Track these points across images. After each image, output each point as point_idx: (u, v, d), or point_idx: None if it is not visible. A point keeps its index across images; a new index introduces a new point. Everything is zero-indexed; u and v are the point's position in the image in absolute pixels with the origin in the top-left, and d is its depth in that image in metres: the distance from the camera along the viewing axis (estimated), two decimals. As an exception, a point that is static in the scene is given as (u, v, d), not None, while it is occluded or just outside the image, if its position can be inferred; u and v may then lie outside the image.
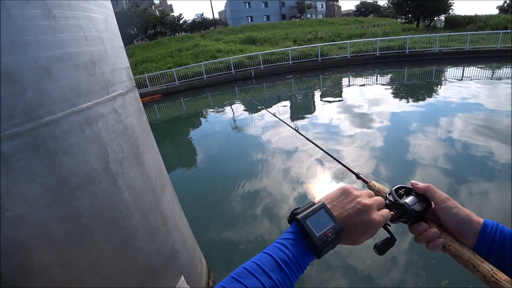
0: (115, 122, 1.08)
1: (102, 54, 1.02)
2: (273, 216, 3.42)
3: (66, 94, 0.86)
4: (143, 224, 1.28)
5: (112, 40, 1.11)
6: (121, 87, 1.13)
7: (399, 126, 6.04)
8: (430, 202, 0.52)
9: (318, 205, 0.48)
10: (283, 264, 0.40)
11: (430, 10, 22.14)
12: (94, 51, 0.96)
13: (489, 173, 3.88)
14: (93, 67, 0.96)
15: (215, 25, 36.54)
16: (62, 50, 0.82)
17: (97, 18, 0.99)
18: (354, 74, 13.73)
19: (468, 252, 0.43)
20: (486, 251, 0.44)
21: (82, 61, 0.90)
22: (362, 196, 0.48)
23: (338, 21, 34.77)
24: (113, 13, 1.18)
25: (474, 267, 0.41)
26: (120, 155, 1.12)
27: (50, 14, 0.78)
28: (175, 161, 5.91)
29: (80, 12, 0.89)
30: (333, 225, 0.44)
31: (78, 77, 0.89)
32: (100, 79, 1.00)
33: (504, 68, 11.88)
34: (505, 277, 0.38)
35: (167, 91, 14.03)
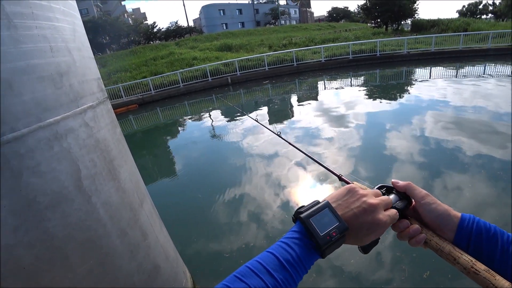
0: (86, 136, 1.02)
1: (70, 65, 0.96)
2: (257, 222, 3.39)
3: (31, 109, 0.81)
4: (121, 242, 1.22)
5: (80, 50, 1.06)
6: (92, 99, 1.08)
7: (375, 126, 6.25)
8: (410, 200, 0.53)
9: (322, 204, 0.47)
10: (287, 264, 0.40)
11: (397, 15, 23.35)
12: (61, 62, 0.91)
13: (461, 166, 4.10)
14: (60, 79, 0.91)
15: (190, 32, 36.32)
16: (25, 62, 0.77)
17: (64, 27, 0.94)
18: (329, 77, 14.09)
19: (448, 245, 0.45)
20: (464, 243, 0.45)
21: (48, 73, 0.84)
22: (368, 196, 0.48)
23: (311, 26, 35.68)
24: (81, 22, 1.13)
25: (455, 259, 0.43)
26: (93, 171, 1.06)
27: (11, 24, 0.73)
28: (154, 173, 5.75)
29: (44, 22, 0.84)
30: (337, 224, 0.44)
31: (44, 90, 0.84)
32: (68, 92, 0.95)
33: (466, 67, 12.70)
34: (483, 267, 0.39)
35: (143, 100, 13.71)
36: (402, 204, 0.52)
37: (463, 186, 3.63)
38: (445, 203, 0.51)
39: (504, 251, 0.42)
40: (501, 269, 0.40)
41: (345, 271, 2.54)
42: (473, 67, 12.67)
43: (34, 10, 0.80)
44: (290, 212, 3.50)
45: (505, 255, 0.42)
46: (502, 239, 0.43)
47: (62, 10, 0.93)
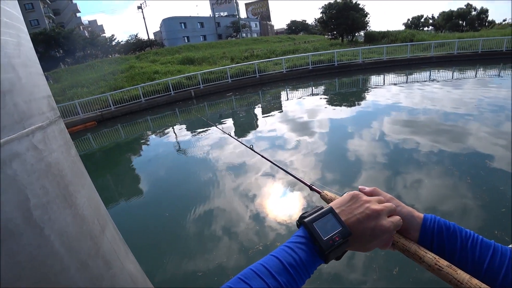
0: (35, 160, 0.92)
1: (15, 83, 0.87)
2: (229, 236, 3.31)
3: (-35, 134, 0.71)
4: (82, 275, 1.10)
5: (26, 66, 0.96)
6: (41, 119, 0.98)
7: (338, 132, 6.52)
8: None
9: (326, 209, 0.47)
10: (290, 267, 0.40)
11: (351, 27, 25.09)
12: (4, 80, 0.81)
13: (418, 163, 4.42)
14: (3, 99, 0.81)
15: (150, 46, 35.56)
16: (-44, 81, 0.67)
17: (6, 41, 0.85)
18: (291, 87, 14.53)
19: (413, 245, 0.47)
20: (428, 242, 0.48)
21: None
22: (372, 202, 0.48)
23: (272, 39, 36.80)
24: (27, 35, 1.03)
25: (420, 258, 0.45)
26: (45, 199, 0.95)
27: None
28: (116, 194, 5.41)
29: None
30: (340, 229, 0.44)
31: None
32: (12, 112, 0.85)
33: (414, 74, 13.95)
34: (446, 263, 0.42)
35: (102, 117, 12.99)
36: None
37: (422, 180, 3.90)
38: (408, 198, 0.53)
39: (463, 246, 0.45)
40: (462, 263, 0.44)
41: (317, 277, 2.56)
42: (420, 73, 13.93)
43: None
44: (263, 223, 3.46)
45: (464, 250, 0.45)
46: (461, 235, 0.46)
47: (5, 22, 0.83)
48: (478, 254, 0.44)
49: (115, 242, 1.43)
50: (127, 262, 1.53)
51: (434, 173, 4.07)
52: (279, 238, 3.16)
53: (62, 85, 17.23)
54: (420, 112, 7.15)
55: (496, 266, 0.42)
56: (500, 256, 0.43)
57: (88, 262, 1.12)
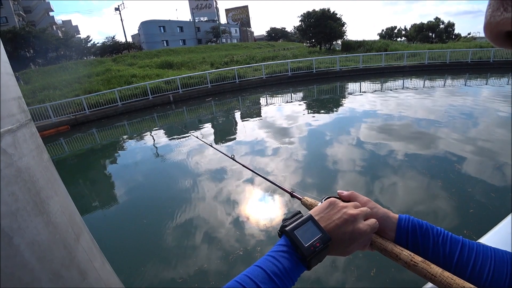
0: (4, 165, 0.87)
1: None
2: (208, 242, 3.26)
3: None
4: (54, 286, 1.04)
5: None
6: (11, 121, 0.93)
7: (317, 138, 6.65)
8: None
9: (305, 217, 0.48)
10: (274, 276, 0.41)
11: (329, 36, 25.86)
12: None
13: (395, 166, 4.59)
14: (-32, 99, 0.76)
15: (128, 49, 34.68)
16: None
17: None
18: (270, 93, 14.67)
19: (390, 244, 0.49)
20: (403, 241, 0.50)
21: (-52, 92, 0.70)
22: (348, 207, 0.51)
23: (251, 45, 37.10)
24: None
25: (397, 256, 0.47)
26: (15, 206, 0.90)
27: None
28: (91, 201, 5.18)
29: None
30: (320, 235, 0.46)
31: None
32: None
33: (389, 82, 14.55)
34: (420, 259, 0.45)
35: (76, 121, 12.45)
36: None
37: (397, 183, 4.05)
38: (384, 200, 0.55)
39: (435, 243, 0.48)
40: (434, 258, 0.47)
41: (302, 278, 2.57)
42: (394, 81, 14.57)
43: None
44: (244, 229, 3.44)
45: (436, 246, 0.48)
46: (433, 232, 0.50)
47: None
48: (448, 249, 0.47)
49: (90, 251, 1.37)
50: (103, 271, 1.47)
51: (407, 176, 4.25)
52: (260, 243, 3.15)
53: (33, 86, 16.38)
54: (395, 118, 7.47)
55: (464, 260, 0.46)
56: (468, 250, 0.46)
57: (62, 273, 1.07)
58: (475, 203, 3.41)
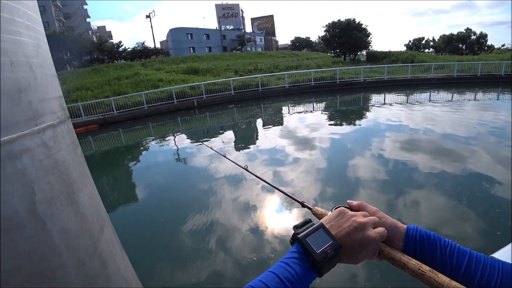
0: (44, 157, 0.95)
1: (30, 82, 0.91)
2: (222, 247, 3.29)
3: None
4: (78, 273, 1.11)
5: (43, 67, 1.01)
6: (52, 118, 1.02)
7: (338, 148, 6.55)
8: None
9: (317, 225, 0.51)
10: (287, 282, 0.42)
11: (353, 46, 25.60)
12: (21, 78, 0.86)
13: (418, 183, 4.42)
14: (19, 96, 0.85)
15: (156, 54, 36.03)
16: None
17: (26, 42, 0.90)
18: (292, 102, 14.67)
19: (398, 253, 0.51)
20: (411, 250, 0.52)
21: (5, 88, 0.79)
22: (358, 216, 0.53)
23: (276, 54, 37.41)
24: (45, 38, 1.08)
25: (404, 265, 0.48)
26: (50, 194, 0.99)
27: (-33, 35, 0.69)
28: (114, 197, 5.40)
29: (5, 35, 0.80)
30: (331, 242, 0.47)
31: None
32: (26, 109, 0.89)
33: (415, 94, 14.12)
34: (427, 268, 0.46)
35: (104, 121, 13.06)
36: None
37: (419, 199, 3.91)
38: (406, 216, 0.57)
39: (443, 253, 0.50)
40: (442, 268, 0.48)
41: None
42: (421, 94, 14.12)
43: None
44: (257, 235, 3.45)
45: (444, 256, 0.49)
46: (440, 243, 0.51)
47: (26, 25, 0.89)
48: (455, 260, 0.48)
49: (112, 243, 1.44)
50: (122, 264, 1.54)
51: (431, 194, 4.09)
52: (272, 249, 3.15)
53: (67, 86, 17.38)
54: (420, 132, 7.23)
55: (472, 270, 0.47)
56: (475, 262, 0.47)
57: (86, 261, 1.14)
58: (503, 225, 3.23)
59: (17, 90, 0.81)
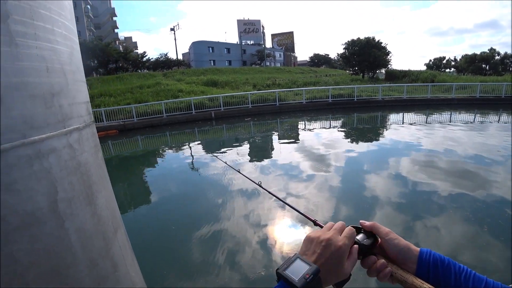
0: (68, 157, 1.00)
1: (63, 87, 0.98)
2: (230, 260, 3.26)
3: (17, 125, 0.80)
4: (90, 272, 1.14)
5: (74, 73, 1.08)
6: (79, 121, 1.08)
7: (353, 167, 6.43)
8: (376, 237, 0.59)
9: (293, 257, 0.52)
10: None
11: (372, 64, 25.53)
12: (55, 83, 0.92)
13: (437, 206, 4.25)
14: (51, 99, 0.91)
15: (178, 65, 37.19)
16: (20, 79, 0.78)
17: (62, 50, 0.97)
18: (309, 118, 14.64)
19: (411, 277, 0.50)
20: (425, 274, 0.51)
21: (40, 92, 0.85)
22: (323, 234, 0.54)
23: (294, 69, 37.77)
24: (78, 47, 1.16)
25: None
26: (71, 194, 1.03)
27: (13, 41, 0.76)
28: (127, 201, 5.49)
29: (45, 43, 0.86)
30: (309, 268, 0.49)
31: (33, 108, 0.84)
32: (57, 112, 0.95)
33: (435, 114, 13.77)
34: None
35: (124, 127, 13.49)
36: (369, 241, 0.58)
37: (438, 224, 3.75)
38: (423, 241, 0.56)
39: (457, 279, 0.49)
40: None
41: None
42: (441, 114, 13.76)
43: (37, 31, 0.83)
44: (266, 250, 3.40)
45: (458, 282, 0.48)
46: (455, 268, 0.50)
47: (64, 34, 0.96)
48: (471, 287, 0.47)
49: (124, 247, 1.47)
50: (132, 268, 1.56)
51: (449, 218, 3.92)
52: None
53: (92, 92, 18.16)
54: (440, 153, 6.99)
55: None
56: None
57: (98, 261, 1.16)
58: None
59: (50, 94, 0.87)
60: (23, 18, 0.79)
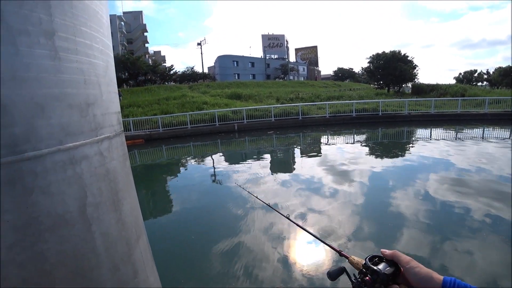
0: (98, 164, 1.06)
1: (97, 98, 1.05)
2: (247, 274, 3.21)
3: (55, 132, 0.87)
4: (112, 276, 1.18)
5: (108, 85, 1.16)
6: (110, 130, 1.15)
7: (378, 185, 6.18)
8: (398, 266, 0.59)
9: None
10: None
11: (398, 78, 24.90)
12: (90, 94, 0.99)
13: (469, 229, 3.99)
14: (87, 109, 0.98)
15: (203, 78, 38.35)
16: (60, 90, 0.85)
17: (99, 64, 1.04)
18: (332, 133, 14.42)
19: None
20: None
21: (77, 102, 0.92)
22: None
23: (318, 83, 37.67)
24: (113, 60, 1.25)
25: None
26: (99, 199, 1.08)
27: (56, 56, 0.83)
28: (149, 209, 5.63)
29: (84, 57, 0.94)
30: None
31: (70, 116, 0.91)
32: (91, 121, 1.01)
33: (465, 130, 13.06)
34: None
35: (150, 136, 13.99)
36: (390, 270, 0.58)
37: (472, 249, 3.49)
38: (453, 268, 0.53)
39: None
40: None
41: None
42: (472, 130, 13.04)
43: (78, 47, 0.90)
44: (283, 268, 3.33)
45: None
46: None
47: (100, 49, 1.03)
48: None
49: (145, 253, 1.50)
50: (152, 276, 1.58)
51: (484, 243, 3.64)
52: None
53: (122, 103, 19.10)
54: (472, 172, 6.57)
55: None
56: None
57: (120, 266, 1.20)
58: None
59: (86, 104, 0.94)
60: (67, 35, 0.87)
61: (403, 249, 3.59)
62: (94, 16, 1.07)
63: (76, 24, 0.92)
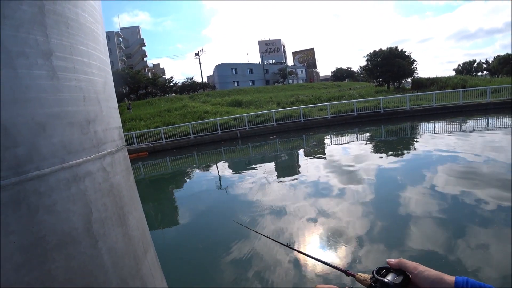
0: (102, 180, 1.07)
1: (97, 114, 1.06)
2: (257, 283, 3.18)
3: (57, 151, 0.87)
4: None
5: (108, 101, 1.17)
6: (112, 146, 1.15)
7: (386, 183, 6.11)
8: (407, 274, 0.58)
9: None
10: None
11: (397, 74, 24.84)
12: (90, 111, 1.00)
13: (481, 221, 3.90)
14: (87, 126, 0.99)
15: (203, 88, 38.62)
16: (60, 109, 0.86)
17: (97, 81, 1.05)
18: (335, 133, 14.38)
19: None
20: None
21: (77, 120, 0.93)
22: None
23: (317, 85, 37.73)
24: (111, 76, 1.26)
25: None
26: (104, 215, 1.08)
27: (55, 75, 0.84)
28: (157, 221, 5.62)
29: (82, 75, 0.95)
30: None
31: (71, 134, 0.92)
32: (92, 138, 1.02)
33: (470, 121, 12.93)
34: None
35: (154, 149, 14.05)
36: (399, 279, 0.57)
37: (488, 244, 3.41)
38: (471, 264, 0.52)
39: None
40: None
41: None
42: (476, 120, 12.91)
43: (76, 65, 0.92)
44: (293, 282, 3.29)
45: None
46: None
47: (98, 66, 1.04)
48: None
49: (153, 267, 1.50)
50: None
51: (499, 235, 3.57)
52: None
53: (124, 117, 19.27)
54: (480, 162, 6.46)
55: None
56: None
57: (128, 281, 1.19)
58: None
59: (86, 121, 0.94)
60: (64, 54, 0.88)
61: (429, 248, 3.55)
62: (90, 34, 1.08)
63: (72, 43, 0.93)
